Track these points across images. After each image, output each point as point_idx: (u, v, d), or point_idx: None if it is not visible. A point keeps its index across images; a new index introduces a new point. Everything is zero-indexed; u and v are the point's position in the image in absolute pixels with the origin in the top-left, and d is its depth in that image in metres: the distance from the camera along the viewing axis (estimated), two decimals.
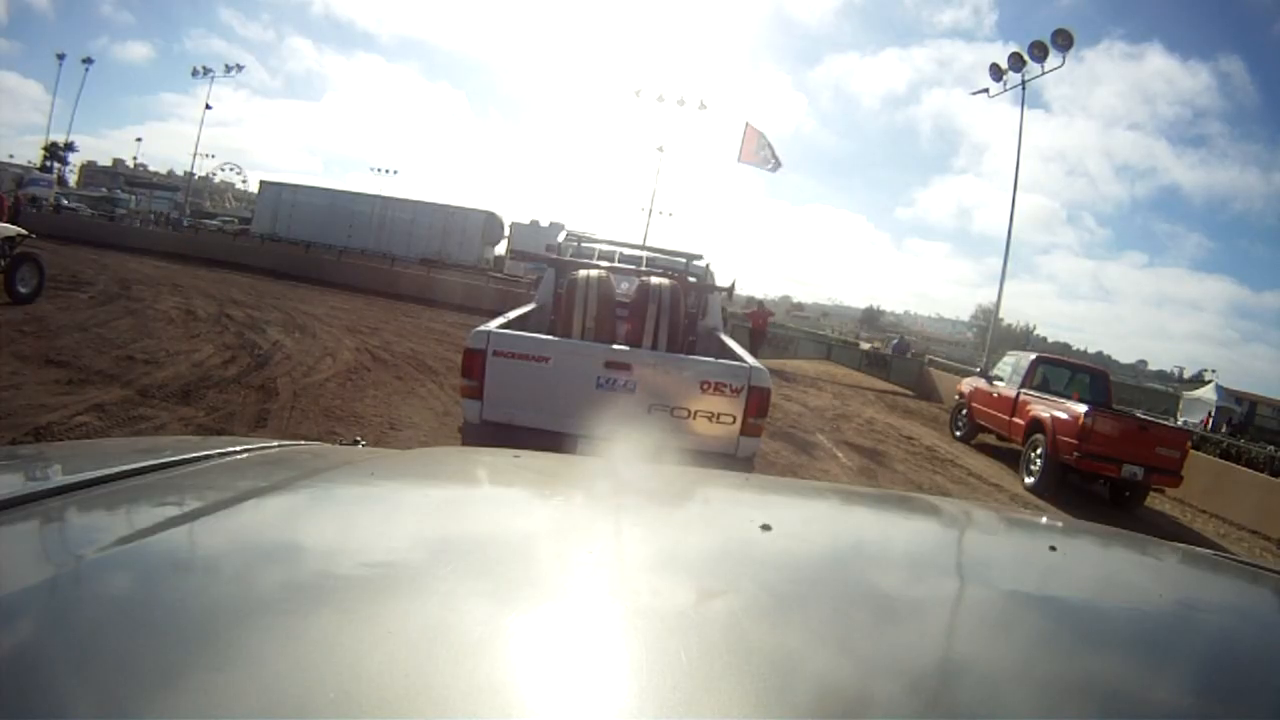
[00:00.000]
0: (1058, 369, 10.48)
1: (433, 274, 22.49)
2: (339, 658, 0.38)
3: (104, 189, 43.11)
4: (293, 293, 15.06)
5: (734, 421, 3.80)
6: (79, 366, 5.98)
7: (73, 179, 48.18)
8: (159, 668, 0.36)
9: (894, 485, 7.10)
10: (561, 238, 6.89)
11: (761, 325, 18.77)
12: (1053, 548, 0.83)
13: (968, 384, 11.42)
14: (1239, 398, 31.02)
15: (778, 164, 23.41)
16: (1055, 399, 9.00)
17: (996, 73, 19.58)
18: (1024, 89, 19.15)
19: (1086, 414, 8.08)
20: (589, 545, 0.64)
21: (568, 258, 5.74)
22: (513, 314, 4.86)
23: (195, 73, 39.71)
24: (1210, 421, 24.02)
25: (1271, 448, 13.22)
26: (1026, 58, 18.59)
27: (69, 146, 46.80)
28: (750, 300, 28.16)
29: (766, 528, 0.68)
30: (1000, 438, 10.24)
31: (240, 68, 45.34)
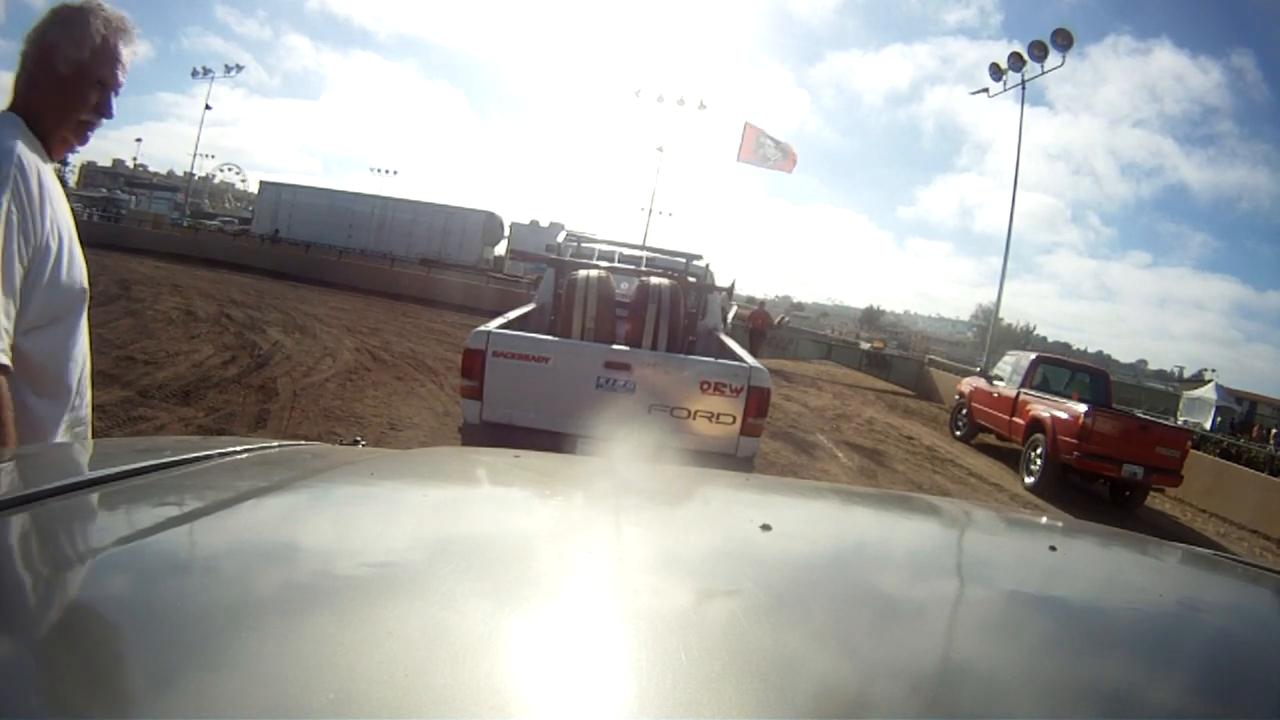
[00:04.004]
0: (1058, 369, 10.48)
1: (432, 274, 22.49)
2: (338, 658, 0.38)
3: (104, 189, 43.10)
4: (293, 293, 15.05)
5: (734, 421, 3.80)
6: None
7: (72, 179, 48.15)
8: (159, 668, 0.36)
9: (894, 485, 7.10)
10: (561, 238, 6.89)
11: (761, 326, 18.77)
12: (1053, 548, 0.83)
13: (968, 384, 11.42)
14: (1239, 397, 31.03)
15: (785, 156, 22.96)
16: (1055, 399, 9.00)
17: (996, 72, 19.58)
18: (1024, 88, 19.15)
19: (1086, 414, 8.08)
20: (589, 545, 0.64)
21: (568, 258, 5.74)
22: (512, 314, 4.86)
23: (195, 73, 39.80)
24: (1263, 431, 23.09)
25: (1271, 447, 13.22)
26: (1026, 57, 18.60)
27: None
28: (750, 300, 28.14)
29: (766, 528, 0.68)
30: (1000, 438, 10.24)
31: (240, 68, 45.44)
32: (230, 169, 60.15)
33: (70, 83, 1.17)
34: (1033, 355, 10.36)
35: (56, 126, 1.19)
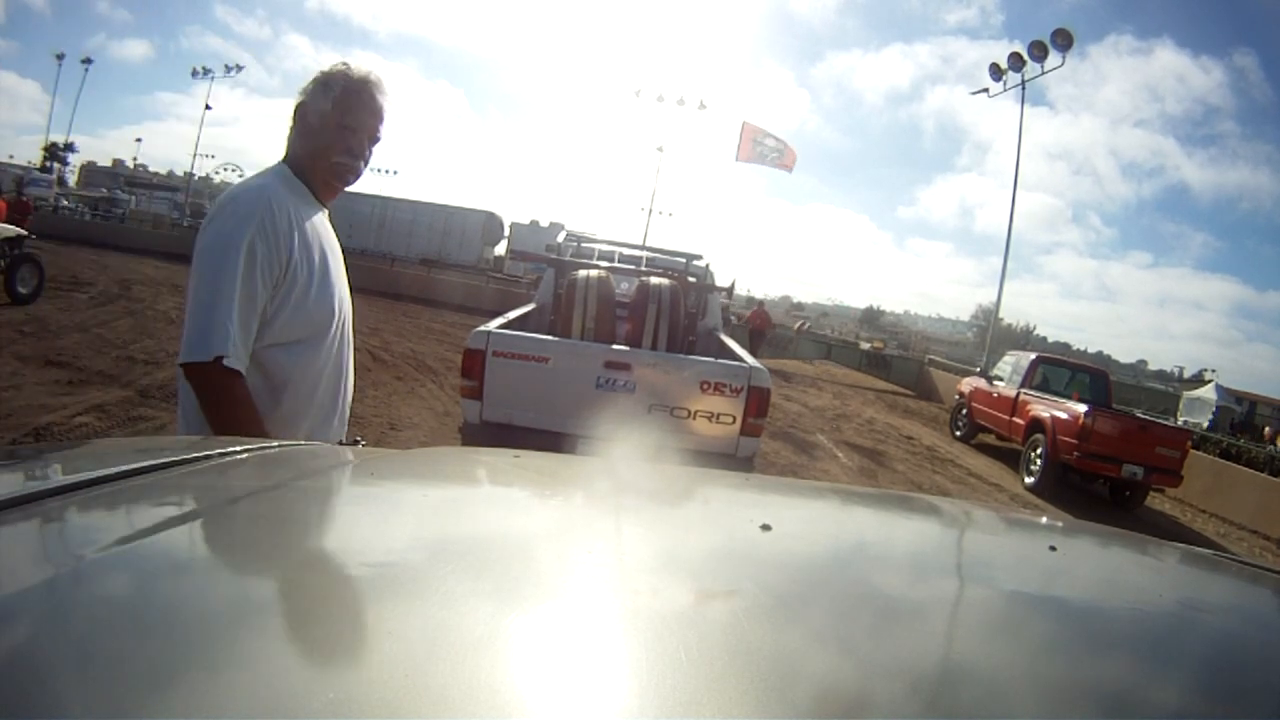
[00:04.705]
0: (1057, 369, 10.49)
1: (433, 274, 22.50)
2: (338, 658, 0.38)
3: (104, 189, 43.09)
4: None
5: (734, 421, 3.81)
6: (79, 367, 5.99)
7: (72, 179, 48.14)
8: (158, 668, 0.36)
9: (894, 485, 7.11)
10: (561, 238, 6.90)
11: (761, 326, 18.77)
12: (1053, 548, 0.83)
13: (968, 384, 11.43)
14: (1239, 397, 31.04)
15: (784, 154, 22.81)
16: (1055, 399, 9.01)
17: (996, 72, 19.59)
18: (1024, 88, 19.17)
19: (1086, 414, 8.09)
20: (589, 545, 0.64)
21: (568, 258, 5.74)
22: (513, 314, 4.86)
23: (195, 73, 39.94)
24: (1275, 435, 21.97)
25: (1271, 447, 13.23)
26: (1026, 57, 18.60)
27: (69, 147, 46.78)
28: (750, 300, 28.13)
29: (766, 528, 0.68)
30: (1000, 438, 10.24)
31: (240, 68, 45.51)
32: (230, 169, 60.18)
33: (319, 132, 1.37)
34: (1033, 355, 10.37)
35: (315, 171, 1.39)
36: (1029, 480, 8.54)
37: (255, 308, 1.25)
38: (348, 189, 1.52)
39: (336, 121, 1.36)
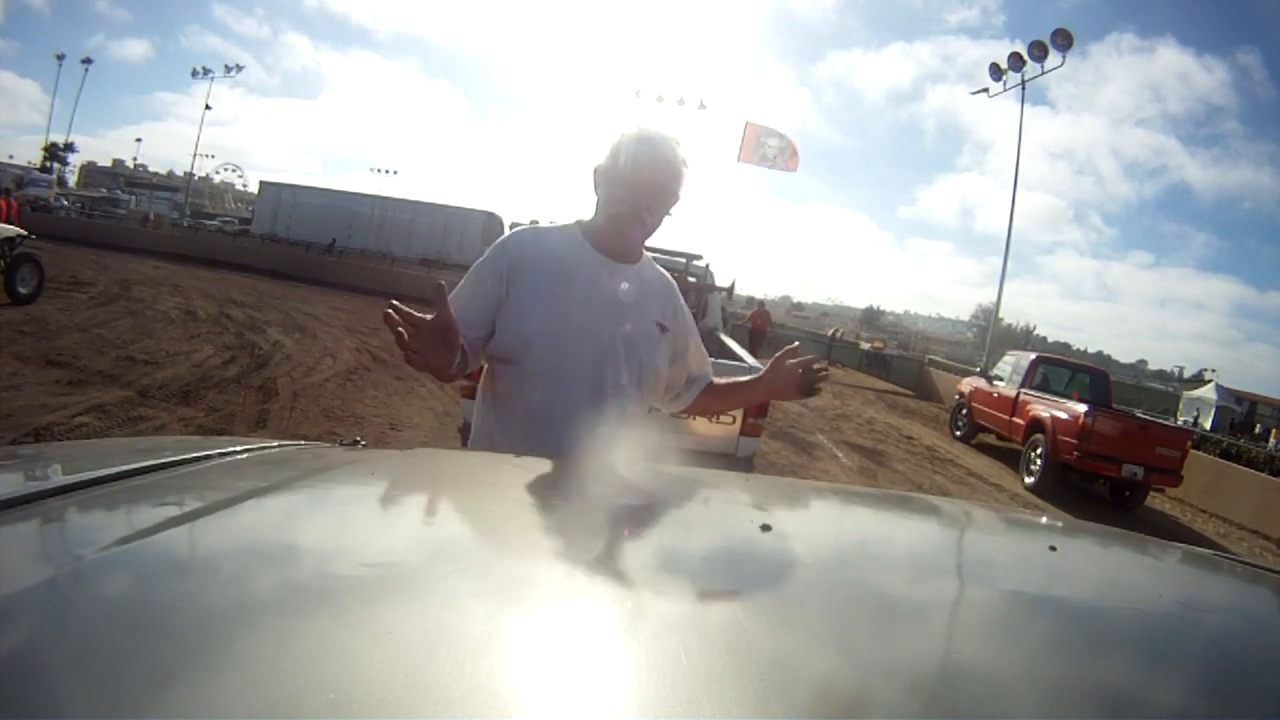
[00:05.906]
0: (1057, 369, 10.49)
1: (433, 274, 22.44)
2: (338, 658, 0.38)
3: (104, 189, 43.13)
4: (292, 293, 15.06)
5: (734, 422, 3.81)
6: (79, 367, 5.99)
7: (72, 179, 48.19)
8: (158, 668, 0.36)
9: (894, 485, 7.10)
10: None
11: (762, 326, 18.76)
12: (1053, 548, 0.83)
13: (968, 384, 11.42)
14: (1239, 397, 31.04)
15: (787, 154, 22.62)
16: (1055, 399, 9.01)
17: (996, 72, 19.61)
18: (1024, 88, 19.18)
19: (1086, 414, 8.09)
20: (589, 545, 0.64)
21: None
22: None
23: (195, 73, 40.12)
24: None
25: (1271, 446, 13.24)
26: (1026, 57, 18.62)
27: (69, 147, 46.83)
28: (750, 300, 28.11)
29: (766, 528, 0.68)
30: (1000, 438, 10.24)
31: (239, 68, 45.62)
32: (230, 169, 60.36)
33: (601, 187, 1.53)
34: (1033, 355, 10.38)
35: (602, 224, 1.53)
36: (1029, 480, 8.54)
37: (470, 311, 1.46)
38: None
39: (614, 175, 1.50)
